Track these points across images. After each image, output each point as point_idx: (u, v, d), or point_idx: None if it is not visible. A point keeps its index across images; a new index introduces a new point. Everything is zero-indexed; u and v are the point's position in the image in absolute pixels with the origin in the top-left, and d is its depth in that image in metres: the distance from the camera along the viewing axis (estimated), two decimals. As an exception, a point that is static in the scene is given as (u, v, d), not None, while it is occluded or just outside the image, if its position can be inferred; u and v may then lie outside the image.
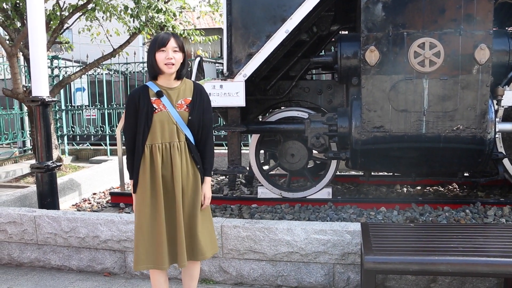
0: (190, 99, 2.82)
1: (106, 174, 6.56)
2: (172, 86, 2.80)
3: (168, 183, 2.77)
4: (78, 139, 10.86)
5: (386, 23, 3.99)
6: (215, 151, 3.07)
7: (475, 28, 3.88)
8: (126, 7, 7.87)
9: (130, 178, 2.86)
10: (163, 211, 2.75)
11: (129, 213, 4.85)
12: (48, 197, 4.64)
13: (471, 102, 3.96)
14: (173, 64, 2.71)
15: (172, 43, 2.70)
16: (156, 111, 2.74)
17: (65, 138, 10.33)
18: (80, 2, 7.77)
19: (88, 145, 10.67)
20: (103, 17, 8.26)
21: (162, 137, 2.75)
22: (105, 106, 9.95)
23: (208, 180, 2.92)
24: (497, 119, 4.13)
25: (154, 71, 2.76)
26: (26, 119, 10.08)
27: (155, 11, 7.74)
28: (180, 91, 2.82)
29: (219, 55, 9.87)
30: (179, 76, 2.82)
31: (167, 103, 2.76)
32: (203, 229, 2.85)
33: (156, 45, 2.71)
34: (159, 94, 2.76)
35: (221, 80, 4.51)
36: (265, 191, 5.08)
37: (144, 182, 2.76)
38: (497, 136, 4.39)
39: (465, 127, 3.99)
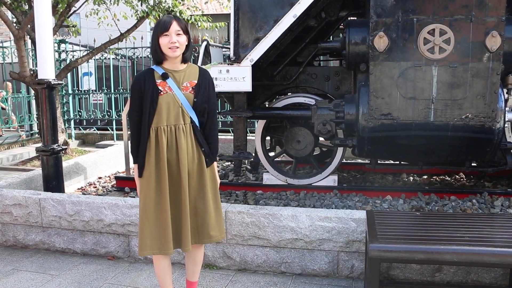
0: (196, 82, 2.79)
1: (111, 158, 6.56)
2: (177, 69, 2.78)
3: (173, 166, 2.74)
4: (84, 124, 10.91)
5: (395, 9, 3.92)
6: (221, 136, 3.05)
7: (487, 15, 3.80)
8: (134, -10, 7.85)
9: (135, 162, 2.82)
10: (168, 195, 2.73)
11: (134, 197, 4.85)
12: (53, 180, 4.65)
13: (480, 91, 3.90)
14: (177, 47, 2.67)
15: (174, 26, 2.66)
16: (162, 93, 2.71)
17: (72, 122, 10.35)
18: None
19: (94, 130, 10.70)
20: (110, 0, 8.22)
21: (167, 119, 2.72)
22: (112, 91, 9.95)
23: (214, 165, 2.92)
24: (506, 109, 4.07)
25: (158, 56, 2.72)
26: (33, 102, 10.11)
27: (162, -5, 7.70)
28: (186, 74, 2.79)
29: (226, 41, 9.80)
30: (184, 59, 2.79)
31: (173, 85, 2.73)
32: (210, 213, 2.83)
33: (159, 29, 2.66)
34: (164, 76, 2.72)
35: (228, 64, 4.47)
36: (270, 177, 5.07)
37: (149, 165, 2.74)
38: (506, 125, 4.34)
39: (474, 115, 3.94)
